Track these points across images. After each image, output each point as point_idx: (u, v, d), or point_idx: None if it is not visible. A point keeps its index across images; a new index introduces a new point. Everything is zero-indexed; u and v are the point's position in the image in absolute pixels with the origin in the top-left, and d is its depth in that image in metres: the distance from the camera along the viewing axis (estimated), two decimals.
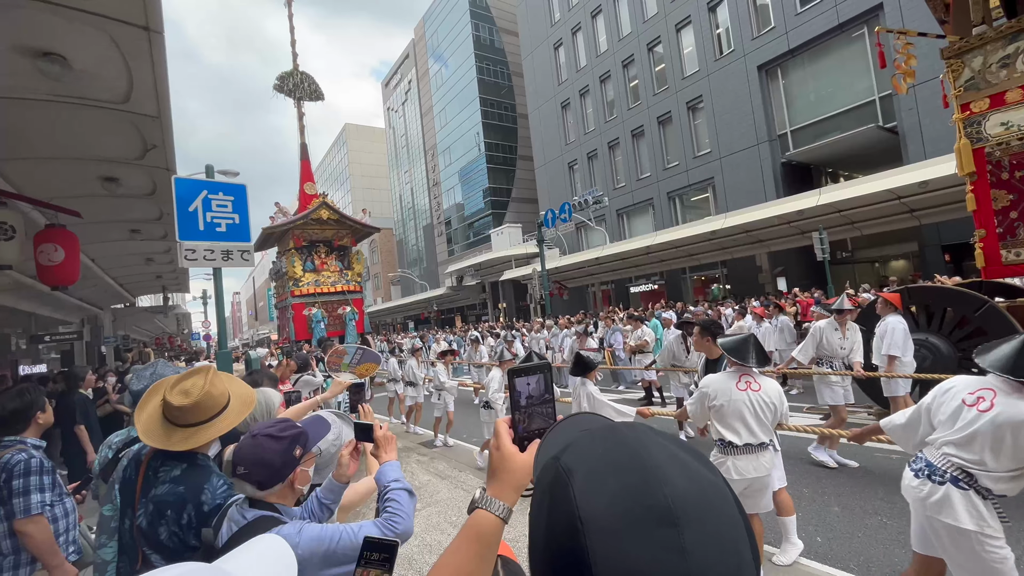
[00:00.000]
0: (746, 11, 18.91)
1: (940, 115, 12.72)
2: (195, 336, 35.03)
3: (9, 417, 2.24)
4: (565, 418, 0.70)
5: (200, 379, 1.61)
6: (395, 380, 8.37)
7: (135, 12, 3.09)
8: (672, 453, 0.46)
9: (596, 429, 0.53)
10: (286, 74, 16.69)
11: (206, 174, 4.43)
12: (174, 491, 1.51)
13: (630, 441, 0.47)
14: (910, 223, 13.82)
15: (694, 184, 21.62)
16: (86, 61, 3.48)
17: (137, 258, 9.72)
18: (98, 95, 3.90)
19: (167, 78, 3.84)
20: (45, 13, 2.98)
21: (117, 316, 18.24)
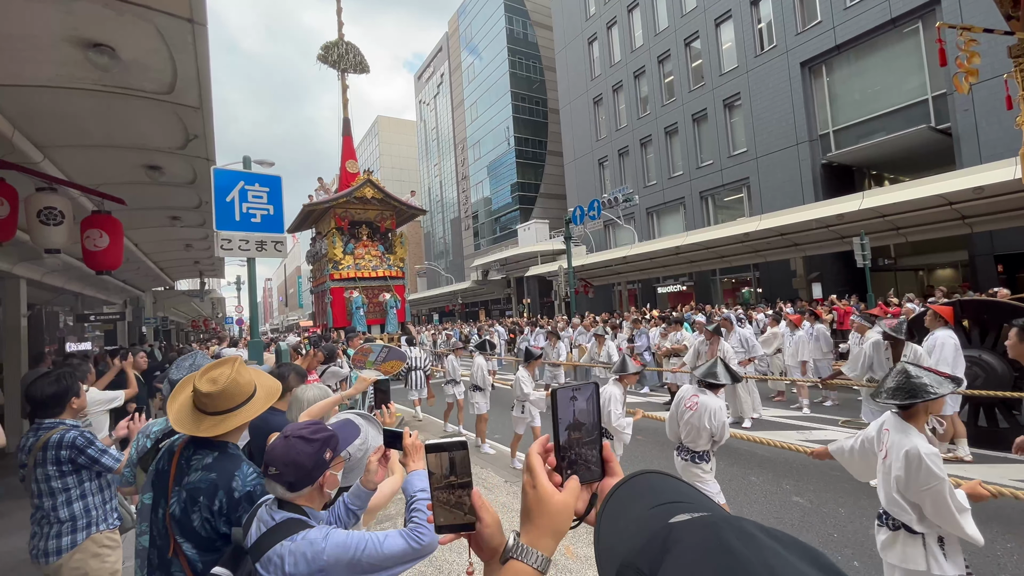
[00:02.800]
0: (791, 5, 18.19)
1: (1000, 117, 11.99)
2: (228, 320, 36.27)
3: (48, 400, 2.38)
4: (625, 481, 0.58)
5: (227, 368, 1.67)
6: (454, 381, 7.44)
7: (180, 4, 3.14)
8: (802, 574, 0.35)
9: (696, 536, 0.40)
10: (331, 44, 15.48)
11: (243, 165, 4.51)
12: (206, 478, 1.56)
13: (753, 568, 0.34)
14: (961, 230, 13.08)
15: (728, 184, 21.03)
16: (134, 52, 3.57)
17: (177, 244, 10.06)
18: (144, 85, 4.00)
19: (209, 69, 3.91)
20: (97, 5, 3.05)
21: (157, 298, 19.02)
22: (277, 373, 2.51)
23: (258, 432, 2.28)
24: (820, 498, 4.40)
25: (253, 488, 1.57)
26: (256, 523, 1.30)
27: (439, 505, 0.76)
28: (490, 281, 33.83)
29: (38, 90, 3.89)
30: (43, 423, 2.38)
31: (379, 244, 15.49)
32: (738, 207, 21.12)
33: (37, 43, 3.38)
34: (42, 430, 2.36)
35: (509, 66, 40.05)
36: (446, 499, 0.76)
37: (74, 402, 2.46)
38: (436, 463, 0.77)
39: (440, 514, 0.76)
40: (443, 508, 0.76)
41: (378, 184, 14.90)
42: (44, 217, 4.26)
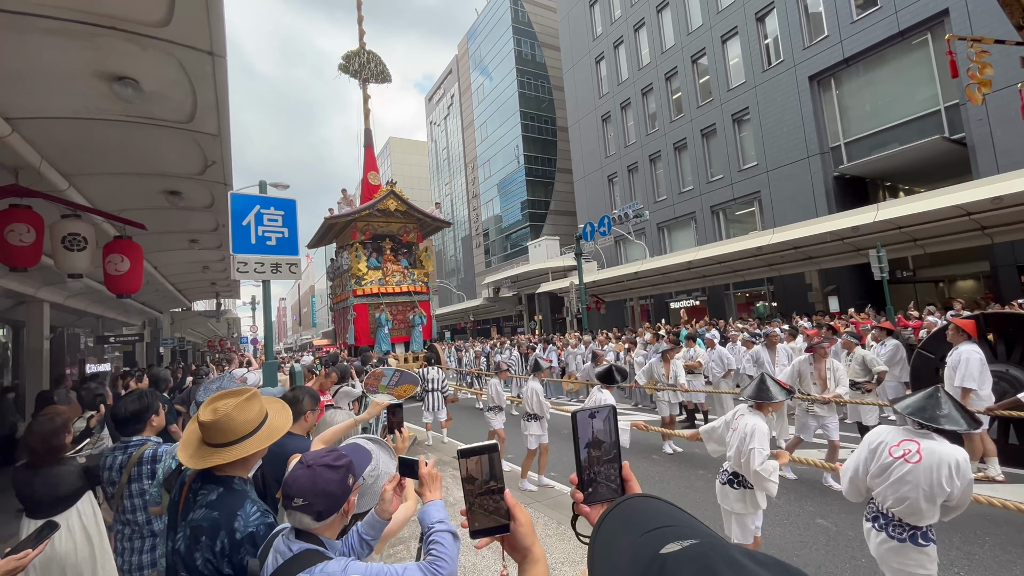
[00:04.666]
0: (797, 20, 18.31)
1: (1016, 126, 11.82)
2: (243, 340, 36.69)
3: (130, 418, 2.49)
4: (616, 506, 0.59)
5: (232, 399, 1.63)
6: (497, 408, 6.52)
7: (201, 38, 3.27)
8: None
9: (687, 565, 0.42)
10: (352, 53, 15.05)
11: (259, 189, 4.62)
12: (209, 516, 1.53)
13: None
14: (981, 241, 12.82)
15: (739, 198, 20.94)
16: (156, 84, 3.70)
17: (194, 266, 10.27)
18: (165, 115, 4.14)
19: (228, 98, 4.04)
20: (121, 40, 3.19)
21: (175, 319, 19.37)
22: (291, 396, 2.52)
23: (273, 458, 2.27)
24: (845, 520, 4.25)
25: (256, 529, 1.53)
26: (273, 554, 1.30)
27: (479, 510, 0.77)
28: (501, 298, 33.85)
29: (65, 121, 4.04)
30: (131, 441, 2.49)
31: (403, 258, 14.84)
32: (750, 221, 20.98)
33: (65, 77, 3.53)
34: (131, 447, 2.47)
35: (518, 86, 40.73)
36: (484, 503, 0.77)
37: (153, 420, 2.58)
38: (477, 467, 0.79)
39: (477, 518, 0.78)
40: (481, 512, 0.77)
41: (402, 196, 14.29)
42: (68, 243, 4.39)
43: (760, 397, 3.09)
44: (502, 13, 42.78)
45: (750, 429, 2.91)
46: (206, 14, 3.03)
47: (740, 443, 2.94)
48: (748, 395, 3.15)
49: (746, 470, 2.89)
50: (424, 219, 15.24)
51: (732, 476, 3.08)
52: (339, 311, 15.95)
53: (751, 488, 2.97)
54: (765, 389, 3.10)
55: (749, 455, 2.84)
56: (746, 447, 2.88)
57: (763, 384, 3.14)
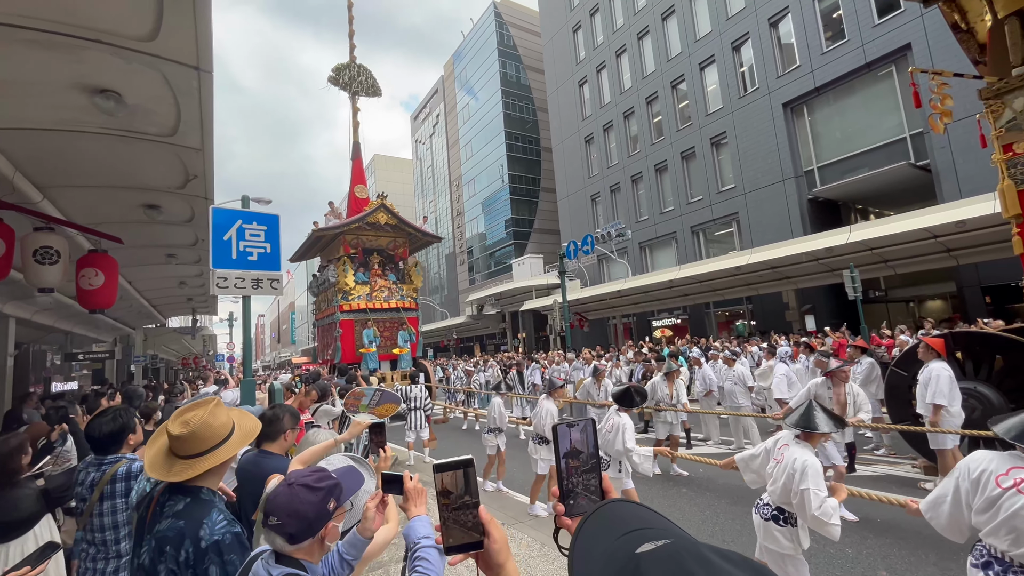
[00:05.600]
0: (771, 50, 19.12)
1: (975, 154, 12.44)
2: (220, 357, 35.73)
3: (106, 438, 2.44)
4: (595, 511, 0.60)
5: (201, 410, 1.65)
6: (497, 430, 6.23)
7: (188, 53, 3.27)
8: None
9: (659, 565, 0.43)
10: (342, 66, 14.90)
11: (241, 204, 4.58)
12: (174, 525, 1.50)
13: None
14: (947, 263, 13.34)
15: (718, 219, 21.46)
16: (139, 97, 3.68)
17: (171, 281, 10.04)
18: (147, 129, 4.10)
19: (212, 113, 4.02)
20: (106, 54, 3.17)
21: (148, 336, 18.78)
22: (271, 415, 2.46)
23: (250, 478, 2.22)
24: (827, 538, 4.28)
25: (222, 537, 1.49)
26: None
27: (453, 525, 0.77)
28: (485, 316, 33.78)
29: (42, 133, 3.97)
30: (104, 459, 2.43)
31: (391, 273, 14.53)
32: (729, 241, 21.47)
33: (45, 89, 3.48)
34: (106, 464, 2.40)
35: (503, 107, 41.41)
36: (459, 518, 0.77)
37: (131, 438, 2.53)
38: (452, 482, 0.79)
39: (451, 534, 0.77)
40: (456, 528, 0.77)
41: (392, 209, 13.97)
42: (40, 256, 4.27)
43: (807, 426, 2.73)
44: (488, 36, 43.71)
45: (800, 466, 2.58)
46: (194, 29, 3.04)
47: (787, 480, 2.63)
48: (793, 423, 2.81)
49: (800, 511, 2.58)
50: (414, 233, 15.00)
51: (776, 511, 2.75)
52: (323, 327, 15.48)
53: (796, 526, 2.69)
54: (812, 418, 2.75)
55: (802, 496, 2.52)
56: (796, 486, 2.55)
57: (810, 412, 2.79)
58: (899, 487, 5.32)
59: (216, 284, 3.93)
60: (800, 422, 2.76)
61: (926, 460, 5.56)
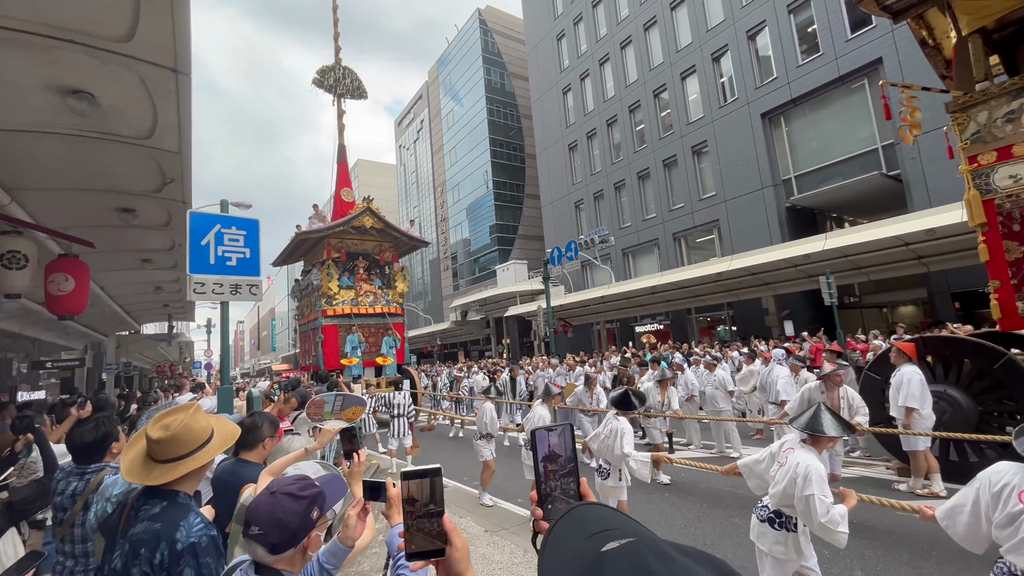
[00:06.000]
0: (749, 62, 19.60)
1: (944, 164, 12.89)
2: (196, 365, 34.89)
3: (88, 447, 2.38)
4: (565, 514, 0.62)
5: (181, 415, 1.65)
6: (489, 436, 6.12)
7: (165, 55, 3.22)
8: None
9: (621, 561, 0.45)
10: (327, 68, 14.63)
11: (221, 208, 4.50)
12: (150, 528, 1.48)
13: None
14: (918, 270, 13.77)
15: (700, 226, 21.82)
16: (114, 99, 3.60)
17: (146, 287, 9.80)
18: (122, 131, 4.01)
19: (191, 116, 3.96)
20: (81, 54, 3.10)
21: (121, 343, 18.25)
22: (249, 423, 2.42)
23: (227, 488, 2.17)
24: None
25: (198, 539, 1.47)
26: None
27: (417, 532, 0.77)
28: (469, 322, 33.66)
29: (11, 134, 3.86)
30: (87, 468, 2.36)
31: (376, 278, 14.29)
32: (710, 248, 21.83)
33: (16, 89, 3.38)
34: (89, 474, 2.34)
35: (487, 114, 41.58)
36: (423, 526, 0.77)
37: (114, 446, 2.47)
38: (418, 490, 0.79)
39: (414, 541, 0.77)
40: (419, 535, 0.77)
41: (378, 213, 13.74)
42: (7, 261, 4.13)
43: (814, 429, 2.63)
44: (472, 43, 43.91)
45: (803, 470, 2.47)
46: (171, 31, 2.99)
47: (789, 484, 2.55)
48: (801, 426, 2.70)
49: (805, 518, 2.47)
50: (401, 237, 14.74)
51: (774, 514, 2.69)
52: (306, 333, 15.14)
53: (795, 531, 2.61)
54: (819, 421, 2.65)
55: (806, 503, 2.41)
56: (799, 492, 2.45)
57: (818, 416, 2.69)
58: (874, 488, 5.44)
59: (193, 290, 3.84)
60: (808, 425, 2.67)
61: (899, 462, 5.69)
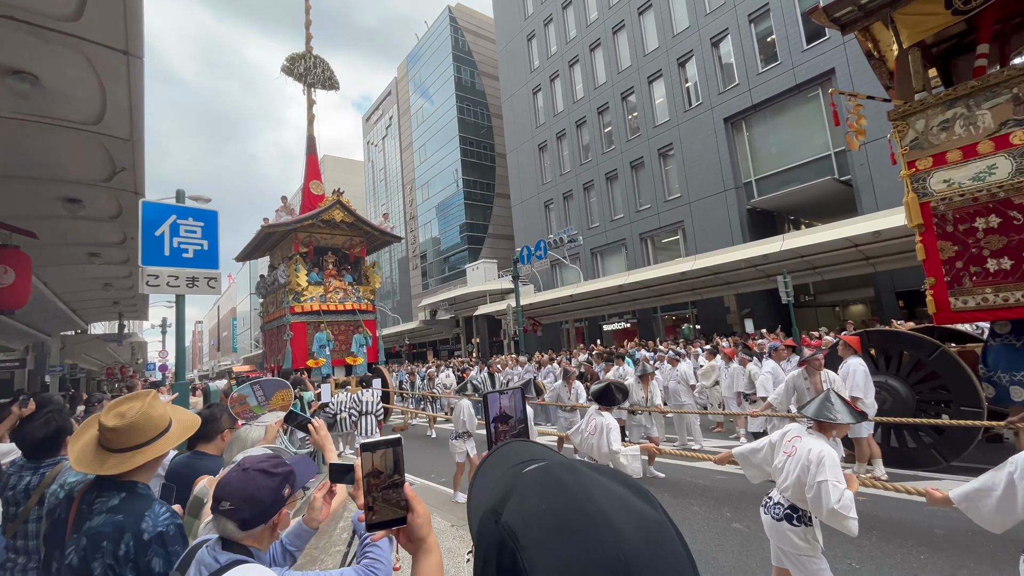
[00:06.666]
0: (713, 68, 20.24)
1: (889, 170, 13.68)
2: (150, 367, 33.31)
3: (40, 444, 2.29)
4: (494, 450, 0.67)
5: (138, 403, 1.59)
6: (467, 435, 5.93)
7: (115, 36, 3.08)
8: (614, 494, 0.45)
9: (533, 474, 0.50)
10: (297, 56, 14.12)
11: (176, 199, 4.33)
12: (111, 520, 1.42)
13: (573, 489, 0.45)
14: (866, 270, 14.56)
15: (665, 226, 22.38)
16: (59, 81, 3.42)
17: (94, 283, 9.32)
18: (68, 115, 3.82)
19: (143, 102, 3.80)
20: (20, 32, 2.93)
21: (66, 343, 17.24)
22: (208, 414, 2.35)
23: (184, 481, 2.11)
24: (757, 523, 4.55)
25: (165, 528, 1.44)
26: (196, 566, 1.19)
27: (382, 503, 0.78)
28: (438, 321, 33.41)
29: None
30: (42, 463, 2.27)
31: (347, 274, 13.91)
32: (675, 248, 22.43)
33: None
34: (44, 468, 2.24)
35: (457, 112, 41.36)
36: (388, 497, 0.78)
37: (68, 440, 2.32)
38: (382, 461, 0.79)
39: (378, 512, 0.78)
40: (384, 506, 0.78)
41: (349, 206, 13.39)
42: None
43: (825, 416, 2.60)
44: (443, 40, 43.59)
45: (816, 456, 2.44)
46: (122, 11, 2.87)
47: (802, 472, 2.50)
48: (811, 413, 2.68)
49: (815, 506, 2.44)
50: (372, 232, 14.41)
51: (790, 510, 2.61)
52: (272, 330, 14.61)
53: (811, 524, 2.56)
54: (829, 407, 2.62)
55: (819, 489, 2.39)
56: (812, 478, 2.43)
57: (827, 402, 2.66)
58: None
59: (147, 282, 3.69)
60: (818, 413, 2.64)
61: (846, 448, 6.03)
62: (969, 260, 5.01)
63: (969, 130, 4.98)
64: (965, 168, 5.01)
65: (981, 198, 4.90)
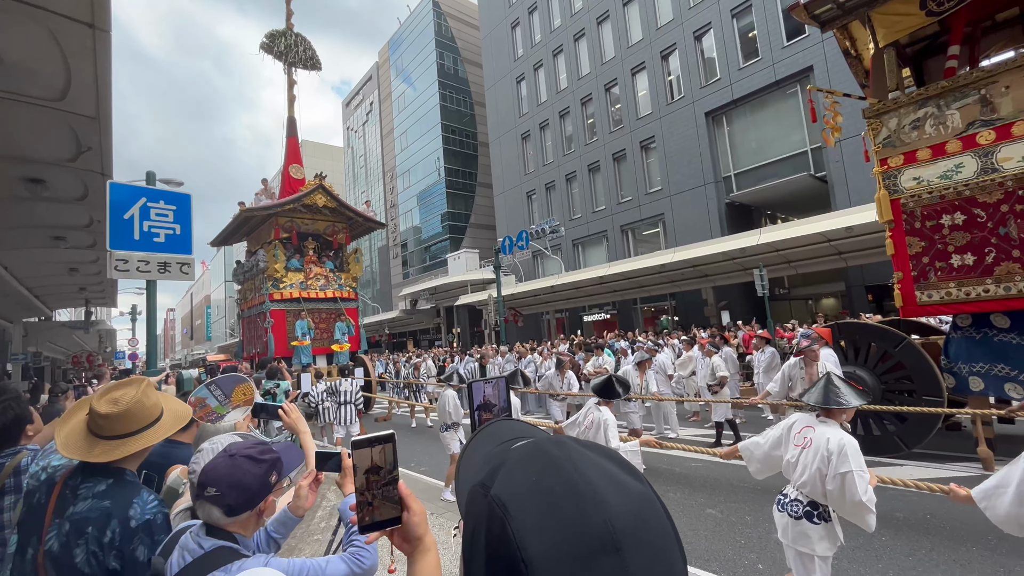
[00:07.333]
0: (695, 62, 20.38)
1: (863, 167, 14.04)
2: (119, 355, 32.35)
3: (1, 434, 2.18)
4: (481, 429, 0.67)
5: (132, 389, 1.55)
6: (455, 425, 5.75)
7: (80, 8, 2.94)
8: (602, 469, 0.46)
9: (522, 449, 0.51)
10: (277, 33, 13.65)
11: (147, 181, 4.17)
12: (98, 506, 1.39)
13: (562, 463, 0.46)
14: (838, 264, 14.99)
15: (646, 219, 22.59)
16: (18, 54, 3.25)
17: (58, 267, 8.97)
18: (29, 90, 3.63)
19: (110, 78, 3.64)
20: None
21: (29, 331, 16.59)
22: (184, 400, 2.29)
23: (157, 468, 2.06)
24: (729, 508, 4.70)
25: (153, 517, 1.42)
26: (179, 551, 1.18)
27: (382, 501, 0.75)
28: (419, 310, 33.21)
29: None
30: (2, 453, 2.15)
31: (328, 261, 13.56)
32: (655, 240, 22.68)
33: None
34: (3, 458, 2.13)
35: (440, 99, 40.79)
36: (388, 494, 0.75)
37: (29, 429, 2.26)
38: (382, 457, 0.76)
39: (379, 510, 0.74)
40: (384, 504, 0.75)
41: (332, 191, 13.01)
42: None
43: (831, 402, 2.45)
44: (425, 25, 42.81)
45: (836, 446, 2.30)
46: None
47: (821, 463, 2.35)
48: (816, 400, 2.53)
49: (837, 499, 2.30)
50: (355, 218, 14.06)
51: (810, 507, 2.44)
52: (250, 318, 14.18)
53: (830, 520, 2.43)
54: (835, 391, 2.49)
55: (842, 481, 2.24)
56: (833, 469, 2.28)
57: (832, 386, 2.51)
58: None
59: (115, 267, 3.56)
60: (824, 399, 2.50)
61: None
62: (935, 256, 5.20)
63: (939, 129, 5.14)
64: (934, 166, 5.17)
65: (948, 196, 5.08)
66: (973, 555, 3.55)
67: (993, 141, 4.78)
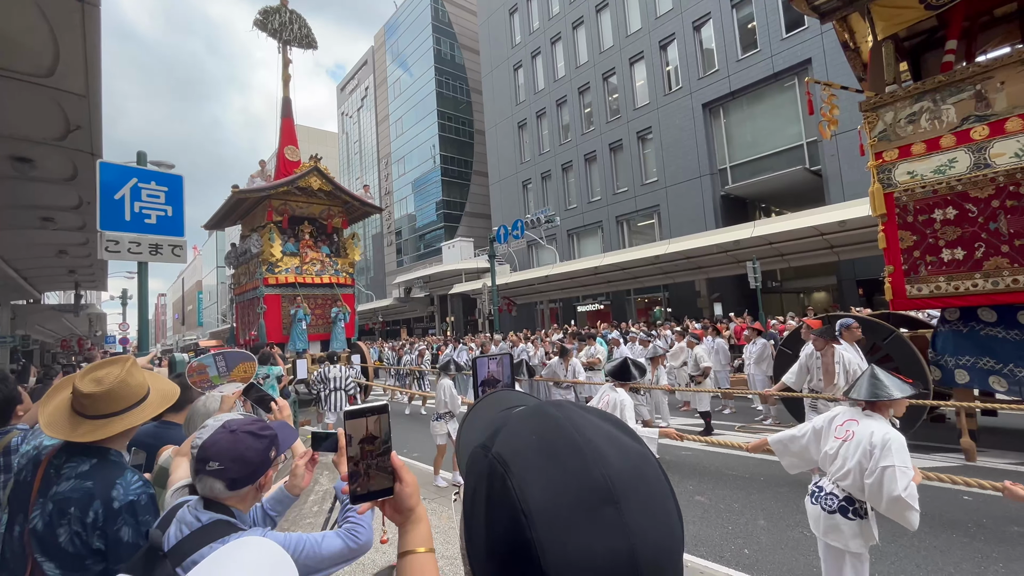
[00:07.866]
0: (694, 53, 20.26)
1: (857, 162, 14.09)
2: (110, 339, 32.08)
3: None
4: (482, 398, 0.68)
5: (116, 368, 1.52)
6: (449, 415, 5.69)
7: None
8: (601, 429, 0.48)
9: (522, 411, 0.53)
10: (271, 9, 13.23)
11: (137, 161, 4.11)
12: (81, 486, 1.39)
13: (561, 422, 0.48)
14: (830, 258, 15.11)
15: (641, 210, 22.60)
16: (6, 28, 3.17)
17: (47, 249, 8.85)
18: (16, 66, 3.55)
19: (100, 55, 3.57)
20: None
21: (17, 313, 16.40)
22: (180, 383, 2.29)
23: (148, 448, 2.06)
24: (717, 496, 4.78)
25: (137, 497, 1.42)
26: (176, 525, 1.19)
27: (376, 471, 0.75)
28: (413, 299, 33.16)
29: None
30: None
31: (324, 245, 13.33)
32: (650, 232, 22.72)
33: None
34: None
35: (436, 85, 40.32)
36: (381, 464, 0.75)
37: (19, 409, 2.25)
38: (377, 427, 0.76)
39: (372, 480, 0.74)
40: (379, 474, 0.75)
41: (327, 173, 12.66)
42: None
43: (877, 396, 2.33)
44: (422, 10, 42.15)
45: (880, 440, 2.21)
46: None
47: (863, 456, 2.26)
48: (862, 394, 2.41)
49: (874, 494, 2.20)
50: (352, 202, 13.73)
51: (845, 502, 2.35)
52: (244, 303, 13.91)
53: (866, 517, 2.33)
54: (879, 385, 2.36)
55: (881, 475, 2.16)
56: (875, 463, 2.20)
57: (875, 379, 2.39)
58: None
59: (106, 248, 3.51)
60: (870, 392, 2.38)
61: None
62: (926, 250, 5.26)
63: (934, 124, 5.16)
64: (928, 161, 5.20)
65: (940, 190, 5.12)
66: (952, 541, 3.64)
67: (986, 136, 4.81)
